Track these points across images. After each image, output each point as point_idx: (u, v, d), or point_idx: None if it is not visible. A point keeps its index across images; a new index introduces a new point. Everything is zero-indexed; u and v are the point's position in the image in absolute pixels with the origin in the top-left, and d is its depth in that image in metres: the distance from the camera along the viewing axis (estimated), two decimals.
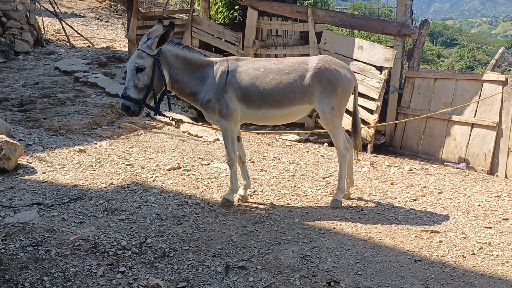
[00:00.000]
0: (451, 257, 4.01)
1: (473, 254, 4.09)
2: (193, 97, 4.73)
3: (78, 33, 14.92)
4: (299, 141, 8.81)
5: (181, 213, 4.72)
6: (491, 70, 8.18)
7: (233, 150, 4.86)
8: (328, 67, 4.81)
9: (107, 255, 3.83)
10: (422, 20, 8.79)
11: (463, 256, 4.04)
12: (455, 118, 8.29)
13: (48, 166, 5.98)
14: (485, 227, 4.70)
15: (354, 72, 5.96)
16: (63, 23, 14.47)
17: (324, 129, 5.10)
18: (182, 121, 5.19)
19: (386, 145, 9.10)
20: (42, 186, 5.28)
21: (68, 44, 13.93)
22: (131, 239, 4.11)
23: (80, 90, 9.41)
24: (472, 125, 8.11)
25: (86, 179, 5.60)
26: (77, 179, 5.60)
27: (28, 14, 12.55)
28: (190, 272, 3.64)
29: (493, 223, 4.83)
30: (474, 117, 8.08)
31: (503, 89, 7.73)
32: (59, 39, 14.54)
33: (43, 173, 5.72)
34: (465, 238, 4.43)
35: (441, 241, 4.31)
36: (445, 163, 8.16)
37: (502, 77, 7.82)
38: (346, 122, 6.26)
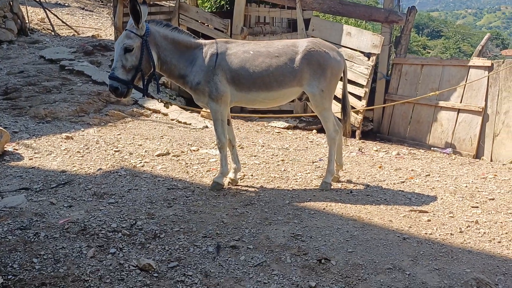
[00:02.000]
0: (439, 234, 4.07)
1: (460, 232, 4.16)
2: (182, 79, 4.70)
3: (63, 21, 14.71)
4: (287, 128, 8.83)
5: (171, 197, 4.70)
6: (477, 56, 8.26)
7: (223, 133, 4.85)
8: (318, 50, 4.81)
9: (97, 237, 3.81)
10: (409, 7, 8.84)
11: (451, 234, 4.10)
12: (441, 103, 8.37)
13: (35, 153, 5.91)
14: (472, 207, 4.77)
15: None
16: (48, 12, 14.23)
17: (312, 114, 5.12)
18: (170, 103, 5.15)
19: (374, 132, 9.16)
20: (29, 172, 5.22)
21: (53, 33, 13.72)
22: (121, 222, 4.09)
23: (66, 78, 9.29)
24: (459, 111, 8.20)
25: (74, 165, 5.55)
26: (64, 165, 5.54)
27: (11, 2, 12.32)
28: (182, 252, 3.64)
29: (479, 203, 4.91)
30: (461, 102, 8.17)
31: (488, 74, 7.82)
32: (43, 28, 14.32)
33: (30, 159, 5.66)
34: (452, 217, 4.49)
35: (429, 220, 4.36)
36: (432, 148, 8.25)
37: (488, 63, 7.90)
38: (335, 108, 6.28)
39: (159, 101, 5.06)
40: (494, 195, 5.13)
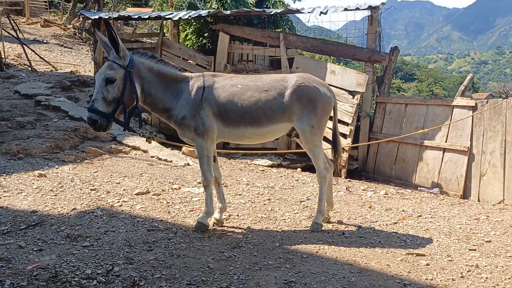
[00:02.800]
0: (440, 280, 3.81)
1: (462, 277, 3.90)
2: (166, 113, 4.44)
3: (40, 57, 14.40)
4: (271, 166, 8.60)
5: (151, 239, 4.35)
6: (460, 96, 8.29)
7: (209, 170, 4.57)
8: (308, 85, 4.66)
9: (69, 285, 3.43)
10: (391, 47, 8.90)
11: (453, 279, 3.84)
12: (426, 143, 8.30)
13: (4, 191, 5.51)
14: (470, 250, 4.54)
15: None
16: (25, 47, 13.93)
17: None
18: (153, 138, 4.87)
19: (359, 171, 9.00)
20: None
21: (29, 69, 13.37)
22: (97, 267, 3.71)
23: (42, 113, 8.93)
24: (444, 150, 8.13)
25: (46, 204, 5.16)
26: (36, 204, 5.15)
27: None
28: None
29: (476, 245, 4.69)
30: (446, 141, 8.12)
31: (473, 114, 7.81)
32: (20, 64, 13.97)
33: None
34: (451, 261, 4.25)
35: (428, 264, 4.11)
36: (418, 188, 8.11)
37: (471, 103, 7.92)
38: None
39: (141, 135, 4.79)
40: (490, 237, 4.93)
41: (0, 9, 17.69)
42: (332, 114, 5.01)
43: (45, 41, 20.64)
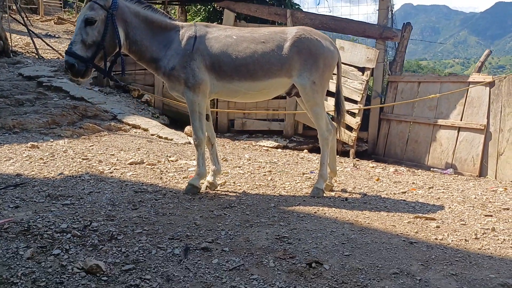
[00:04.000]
0: (451, 240, 3.42)
1: (476, 238, 3.51)
2: (154, 63, 4.13)
3: (47, 44, 14.29)
4: (276, 147, 8.25)
5: (137, 199, 4.04)
6: (476, 72, 7.84)
7: (201, 128, 4.25)
8: (309, 37, 4.31)
9: (41, 238, 3.14)
10: (404, 23, 8.48)
11: (466, 240, 3.45)
12: (440, 122, 7.87)
13: None
14: (485, 215, 4.14)
15: None
16: (33, 36, 13.83)
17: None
18: (139, 90, 4.55)
19: (369, 153, 8.59)
20: None
21: (37, 56, 13.26)
22: (73, 223, 3.41)
23: (42, 93, 8.71)
24: (459, 129, 7.68)
25: (33, 170, 4.90)
26: (22, 169, 4.89)
27: None
28: (141, 255, 2.98)
29: (493, 212, 4.28)
30: (461, 120, 7.67)
31: (490, 91, 7.36)
32: (27, 52, 13.87)
33: None
34: (464, 224, 3.85)
35: (438, 227, 3.72)
36: (431, 169, 7.67)
37: (488, 78, 7.47)
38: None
39: (126, 87, 4.50)
40: (508, 205, 4.51)
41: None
42: (335, 71, 4.66)
43: (57, 35, 20.64)
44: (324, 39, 4.45)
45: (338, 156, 4.90)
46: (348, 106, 7.97)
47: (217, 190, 4.51)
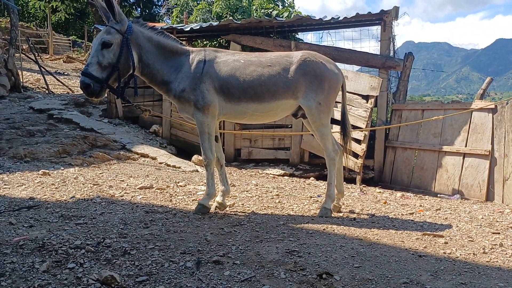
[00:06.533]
0: (460, 254, 3.45)
1: (484, 252, 3.54)
2: (165, 86, 4.30)
3: (57, 79, 14.70)
4: (283, 175, 8.31)
5: (149, 219, 4.11)
6: (479, 99, 7.98)
7: (210, 149, 4.36)
8: (314, 60, 4.48)
9: (55, 253, 3.20)
10: (406, 53, 8.71)
11: (474, 254, 3.48)
12: (445, 148, 7.95)
13: (4, 185, 5.37)
14: (493, 233, 4.17)
15: None
16: (43, 72, 14.23)
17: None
18: (150, 111, 4.68)
19: (375, 181, 8.63)
20: None
21: (47, 91, 13.60)
22: (87, 240, 3.48)
23: (53, 124, 8.92)
24: (464, 155, 7.75)
25: (45, 194, 5.00)
26: (35, 194, 4.99)
27: (6, 58, 12.29)
28: (154, 268, 3.02)
29: (500, 229, 4.31)
30: (466, 146, 7.75)
31: (493, 117, 7.48)
32: (38, 87, 14.24)
33: None
34: (472, 241, 3.88)
35: (446, 243, 3.76)
36: (438, 195, 7.69)
37: (491, 105, 7.60)
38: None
39: (136, 107, 4.64)
40: None
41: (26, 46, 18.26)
42: (341, 95, 4.80)
43: (66, 73, 21.18)
44: (328, 62, 4.61)
45: (344, 182, 4.96)
46: (353, 133, 8.10)
47: (226, 211, 4.57)
